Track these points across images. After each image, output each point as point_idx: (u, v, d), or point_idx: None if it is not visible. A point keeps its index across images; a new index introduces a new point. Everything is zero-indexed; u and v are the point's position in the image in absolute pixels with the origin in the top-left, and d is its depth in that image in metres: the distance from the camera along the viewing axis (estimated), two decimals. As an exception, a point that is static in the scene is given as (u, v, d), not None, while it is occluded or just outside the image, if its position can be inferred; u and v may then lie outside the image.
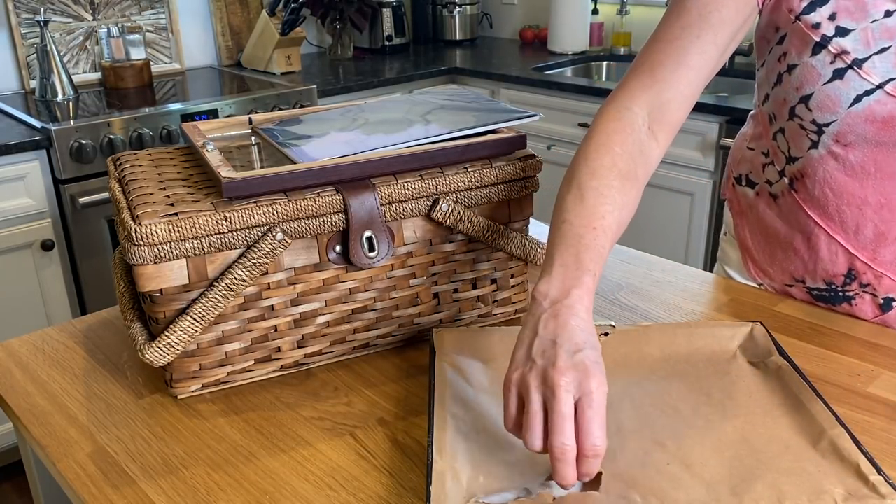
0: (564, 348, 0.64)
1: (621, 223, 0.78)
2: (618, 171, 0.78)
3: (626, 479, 0.66)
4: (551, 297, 0.69)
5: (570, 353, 0.64)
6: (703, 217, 2.29)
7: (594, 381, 0.63)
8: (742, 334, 0.85)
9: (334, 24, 2.93)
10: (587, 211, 0.75)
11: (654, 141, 0.84)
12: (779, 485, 0.64)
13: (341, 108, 1.02)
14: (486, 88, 2.74)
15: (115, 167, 0.91)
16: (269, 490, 0.70)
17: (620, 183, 0.78)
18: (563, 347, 0.65)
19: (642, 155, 0.82)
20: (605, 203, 0.76)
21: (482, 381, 0.80)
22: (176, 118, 2.17)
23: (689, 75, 0.84)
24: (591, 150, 0.81)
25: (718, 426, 0.73)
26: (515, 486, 0.66)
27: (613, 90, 0.87)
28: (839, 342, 0.91)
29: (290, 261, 0.82)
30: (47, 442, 0.78)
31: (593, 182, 0.77)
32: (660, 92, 0.84)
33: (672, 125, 0.85)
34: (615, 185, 0.77)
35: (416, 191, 0.84)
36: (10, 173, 1.96)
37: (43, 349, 0.94)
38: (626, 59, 2.93)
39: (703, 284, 1.06)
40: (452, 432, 0.72)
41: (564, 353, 0.64)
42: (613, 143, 0.80)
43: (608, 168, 0.78)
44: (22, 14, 2.43)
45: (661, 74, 0.84)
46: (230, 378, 0.85)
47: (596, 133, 0.82)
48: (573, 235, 0.74)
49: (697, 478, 0.66)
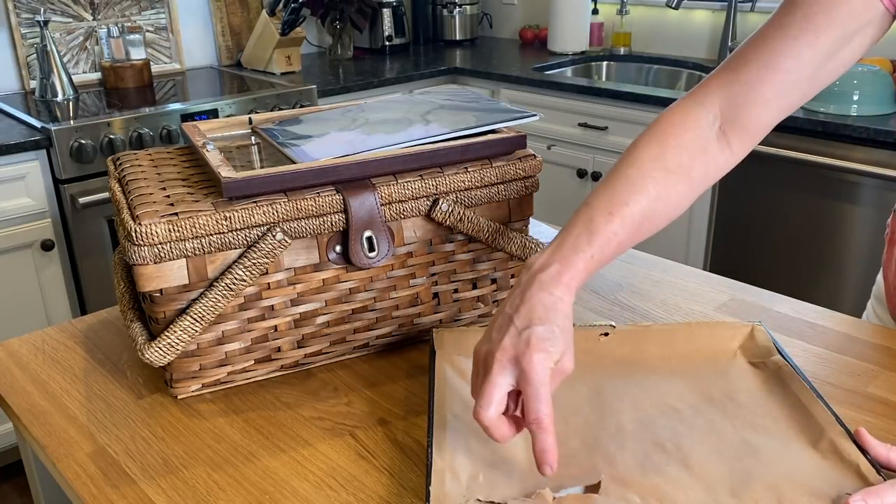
0: (516, 325, 0.66)
1: (651, 215, 0.74)
2: (663, 163, 0.75)
3: (626, 481, 0.66)
4: (532, 269, 0.70)
5: (519, 331, 0.65)
6: (703, 217, 2.29)
7: (535, 356, 0.64)
8: (742, 334, 0.85)
9: (334, 24, 2.93)
10: (611, 196, 0.73)
11: (725, 143, 0.78)
12: (778, 485, 0.64)
13: (341, 108, 1.02)
14: (486, 88, 2.74)
15: (115, 167, 0.91)
16: (269, 490, 0.70)
17: (663, 175, 0.74)
18: (514, 325, 0.66)
19: (704, 153, 0.77)
20: (633, 192, 0.73)
21: None
22: (176, 118, 2.17)
23: (775, 78, 0.76)
24: (641, 139, 0.77)
25: (718, 426, 0.73)
26: (515, 486, 0.66)
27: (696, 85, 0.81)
28: (839, 342, 0.91)
29: (290, 261, 0.82)
30: (47, 442, 0.78)
31: (630, 170, 0.75)
32: (738, 92, 0.77)
33: (750, 130, 0.78)
34: (654, 176, 0.74)
35: (416, 191, 0.84)
36: (10, 173, 1.96)
37: (43, 349, 0.94)
38: (626, 59, 2.93)
39: (703, 284, 1.06)
40: (452, 432, 0.72)
41: (514, 330, 0.66)
42: (668, 135, 0.76)
43: (652, 159, 0.75)
44: (22, 14, 2.43)
45: (744, 74, 0.77)
46: (230, 378, 0.85)
47: (655, 123, 0.78)
48: (585, 217, 0.73)
49: (697, 478, 0.66)
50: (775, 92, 0.77)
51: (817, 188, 2.03)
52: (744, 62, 0.78)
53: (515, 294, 0.69)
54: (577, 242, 0.71)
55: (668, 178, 0.75)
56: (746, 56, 0.78)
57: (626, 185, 0.74)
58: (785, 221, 2.12)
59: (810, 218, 2.07)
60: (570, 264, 0.69)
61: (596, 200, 0.74)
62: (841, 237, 2.04)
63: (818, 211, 2.05)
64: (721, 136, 0.78)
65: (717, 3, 2.70)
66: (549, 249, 0.72)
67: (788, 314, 0.97)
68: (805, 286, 2.13)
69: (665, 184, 0.75)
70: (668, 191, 0.75)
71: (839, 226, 2.03)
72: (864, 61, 2.19)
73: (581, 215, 0.73)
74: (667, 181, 0.75)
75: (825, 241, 2.07)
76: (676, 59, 2.81)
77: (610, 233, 0.72)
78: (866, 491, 0.62)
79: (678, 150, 0.76)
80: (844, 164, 1.95)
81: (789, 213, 2.10)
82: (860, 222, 1.99)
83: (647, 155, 0.76)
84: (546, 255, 0.71)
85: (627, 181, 0.74)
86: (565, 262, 0.70)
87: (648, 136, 0.78)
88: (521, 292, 0.69)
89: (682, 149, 0.76)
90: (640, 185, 0.74)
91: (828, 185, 2.02)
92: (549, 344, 0.65)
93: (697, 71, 2.72)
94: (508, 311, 0.68)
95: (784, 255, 2.16)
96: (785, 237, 2.14)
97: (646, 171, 0.74)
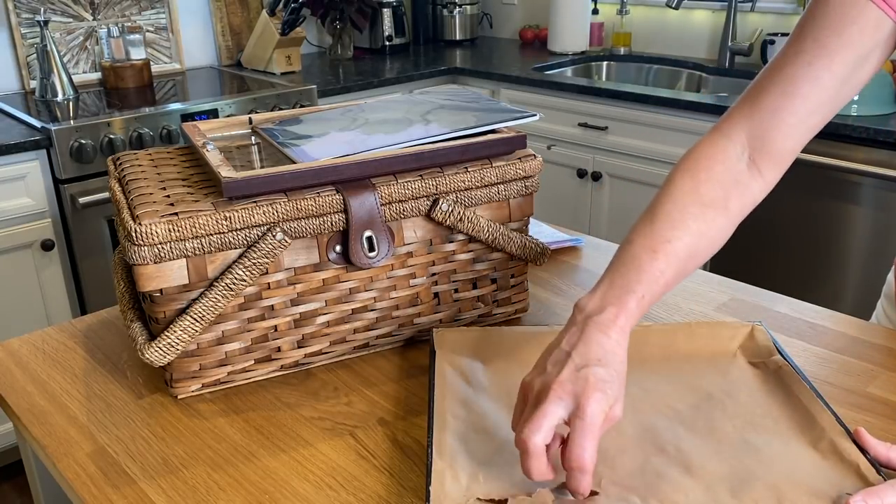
0: (575, 361, 0.65)
1: (694, 252, 0.74)
2: (698, 196, 0.75)
3: (626, 482, 0.66)
4: (586, 311, 0.69)
5: (577, 367, 0.65)
6: (703, 217, 2.29)
7: (592, 397, 0.63)
8: (742, 334, 0.85)
9: (334, 24, 2.93)
10: (653, 233, 0.73)
11: (756, 172, 0.78)
12: (778, 485, 0.64)
13: (341, 108, 1.02)
14: (486, 88, 2.74)
15: (115, 167, 0.91)
16: (269, 490, 0.70)
17: (700, 210, 0.74)
18: (573, 360, 0.65)
19: (737, 185, 0.77)
20: (674, 228, 0.73)
21: (482, 381, 0.80)
22: (176, 118, 2.17)
23: (794, 105, 0.77)
24: (675, 175, 0.77)
25: (718, 426, 0.73)
26: (515, 486, 0.66)
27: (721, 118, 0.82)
28: (839, 342, 0.91)
29: (290, 261, 0.82)
30: (47, 442, 0.78)
31: (668, 206, 0.75)
32: (760, 121, 0.78)
33: (778, 157, 0.78)
34: (692, 212, 0.74)
35: (416, 191, 0.84)
36: (10, 173, 1.96)
37: (43, 349, 0.94)
38: (626, 59, 2.93)
39: (703, 284, 1.06)
40: (452, 432, 0.72)
41: (572, 365, 0.65)
42: (699, 168, 0.77)
43: (687, 193, 0.75)
44: (22, 14, 2.43)
45: (764, 103, 0.78)
46: (230, 378, 0.85)
47: (685, 159, 0.79)
48: (629, 256, 0.72)
49: (697, 479, 0.66)
50: (797, 118, 0.77)
51: (817, 188, 2.03)
52: (762, 91, 0.78)
53: (572, 332, 0.68)
54: (626, 283, 0.70)
55: (706, 213, 0.75)
56: (764, 86, 0.78)
57: (665, 221, 0.74)
58: (785, 221, 2.12)
59: (810, 218, 2.07)
60: (625, 307, 0.69)
61: (637, 238, 0.73)
62: (841, 237, 2.04)
63: (818, 211, 2.05)
64: (751, 165, 0.78)
65: (717, 3, 2.70)
66: (599, 290, 0.71)
67: (788, 314, 0.97)
68: (805, 286, 2.13)
69: (704, 219, 0.75)
70: (707, 225, 0.75)
71: (839, 226, 2.03)
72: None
73: (625, 254, 0.73)
74: (705, 216, 0.75)
75: (825, 241, 2.07)
76: (676, 59, 2.81)
77: (657, 271, 0.71)
78: (866, 491, 0.62)
79: (711, 184, 0.76)
80: (844, 164, 1.95)
81: (789, 213, 2.10)
82: (860, 222, 1.99)
83: (681, 189, 0.76)
84: (598, 296, 0.70)
85: (667, 217, 0.74)
86: (620, 305, 0.69)
87: (680, 171, 0.78)
88: (578, 331, 0.68)
89: (716, 181, 0.76)
90: (679, 222, 0.74)
91: (828, 185, 2.02)
92: (607, 386, 0.64)
93: (697, 71, 2.72)
94: (566, 348, 0.67)
95: (784, 255, 2.16)
96: (785, 237, 2.14)
97: (682, 207, 0.74)
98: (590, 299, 0.71)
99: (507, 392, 0.78)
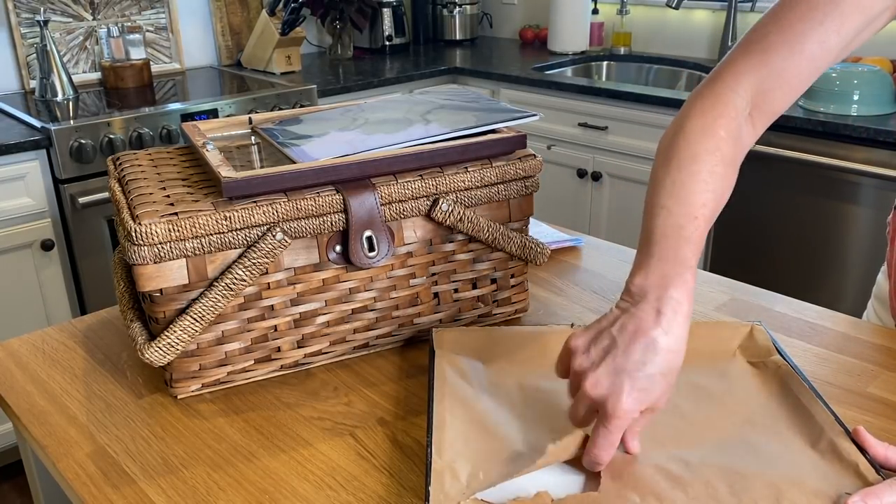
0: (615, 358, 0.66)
1: (717, 211, 0.74)
2: (721, 155, 0.74)
3: (625, 479, 0.66)
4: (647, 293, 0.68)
5: (616, 369, 0.65)
6: (703, 217, 2.29)
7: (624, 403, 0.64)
8: (742, 334, 0.85)
9: (334, 23, 2.93)
10: (688, 197, 0.72)
11: (751, 127, 0.78)
12: (777, 484, 0.64)
13: (341, 108, 1.02)
14: (487, 88, 2.74)
15: (115, 167, 0.91)
16: (269, 490, 0.70)
17: (723, 169, 0.74)
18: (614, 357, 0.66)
19: (740, 139, 0.77)
20: (707, 190, 0.72)
21: (482, 380, 0.80)
22: (176, 118, 2.17)
23: (800, 65, 0.76)
24: (694, 131, 0.76)
25: (718, 425, 0.73)
26: (515, 486, 0.66)
27: (719, 65, 0.79)
28: (839, 342, 0.91)
29: (290, 261, 0.82)
30: (47, 442, 0.78)
31: (695, 166, 0.73)
32: (767, 78, 0.76)
33: (772, 115, 0.79)
34: (718, 172, 0.74)
35: (416, 191, 0.84)
36: (10, 173, 1.96)
37: (43, 349, 0.94)
38: (626, 59, 2.93)
39: (703, 284, 1.06)
40: (452, 432, 0.72)
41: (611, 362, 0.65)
42: (718, 126, 0.75)
43: (711, 152, 0.74)
44: (22, 14, 2.43)
45: (773, 60, 0.76)
46: (230, 378, 0.85)
47: (698, 114, 0.77)
48: (673, 225, 0.71)
49: (696, 477, 0.66)
50: (801, 79, 0.77)
51: (817, 188, 2.03)
52: (771, 47, 0.76)
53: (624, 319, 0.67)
54: (679, 257, 0.69)
55: (727, 172, 0.75)
56: (772, 40, 0.76)
57: (696, 183, 0.73)
58: (785, 221, 2.12)
59: (810, 218, 2.07)
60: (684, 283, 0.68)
61: (672, 202, 0.72)
62: (841, 237, 2.04)
63: (818, 211, 2.05)
64: (749, 120, 0.78)
65: (717, 3, 2.70)
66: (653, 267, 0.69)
67: (788, 314, 0.97)
68: (805, 286, 2.13)
69: (725, 177, 0.74)
70: (726, 184, 0.75)
71: (839, 226, 2.03)
72: (865, 61, 2.20)
73: (665, 221, 0.71)
74: (726, 174, 0.74)
75: (825, 241, 2.07)
76: (676, 59, 2.80)
77: (699, 240, 0.71)
78: (865, 492, 0.62)
79: (729, 142, 0.75)
80: (844, 164, 1.95)
81: (789, 213, 2.10)
82: (860, 222, 1.99)
83: (706, 148, 0.74)
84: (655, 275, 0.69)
85: (697, 179, 0.73)
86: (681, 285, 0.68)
87: (699, 126, 0.76)
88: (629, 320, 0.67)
89: (732, 139, 0.75)
90: (709, 183, 0.73)
91: (828, 185, 2.02)
92: (644, 395, 0.64)
93: (697, 71, 2.72)
94: (615, 336, 0.67)
95: (784, 255, 2.16)
96: (785, 237, 2.14)
97: (710, 167, 0.74)
98: (647, 279, 0.69)
99: (507, 392, 0.78)
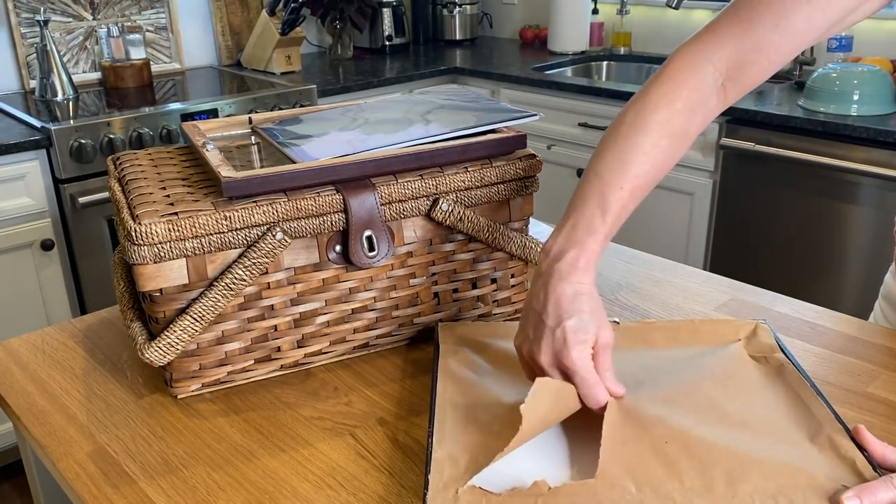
0: (547, 324, 0.69)
1: (654, 181, 0.75)
2: (670, 129, 0.75)
3: (622, 467, 0.66)
4: (550, 257, 0.72)
5: (551, 329, 0.69)
6: (703, 217, 2.29)
7: (573, 352, 0.68)
8: (745, 331, 0.85)
9: (334, 23, 2.93)
10: (621, 167, 0.74)
11: (723, 96, 0.78)
12: (774, 476, 0.64)
13: (341, 108, 1.02)
14: (487, 88, 2.74)
15: (115, 167, 0.91)
16: (269, 490, 0.70)
17: (669, 142, 0.75)
18: (545, 324, 0.69)
19: (704, 109, 0.77)
20: (645, 162, 0.74)
21: (485, 371, 0.81)
22: (176, 118, 2.17)
23: (783, 39, 0.75)
24: (651, 99, 0.76)
25: (717, 418, 0.73)
26: (513, 476, 0.66)
27: (705, 27, 0.78)
28: (839, 342, 0.91)
29: (290, 260, 0.82)
30: (47, 442, 0.78)
31: (640, 137, 0.74)
32: (748, 51, 0.75)
33: (746, 87, 0.78)
34: (661, 145, 0.74)
35: (416, 190, 0.84)
36: (10, 173, 1.96)
37: (43, 349, 0.94)
38: (626, 59, 2.93)
39: (704, 284, 1.06)
40: (452, 423, 0.72)
41: (546, 329, 0.69)
42: (678, 97, 0.75)
43: (661, 123, 0.75)
44: (22, 14, 2.43)
45: (756, 30, 0.75)
46: (230, 378, 0.85)
47: (665, 80, 0.77)
48: (596, 191, 0.73)
49: (694, 466, 0.66)
50: (781, 55, 0.76)
51: (817, 188, 2.03)
52: (757, 18, 0.75)
53: (538, 287, 0.72)
54: (591, 223, 0.72)
55: (673, 144, 0.76)
56: (759, 11, 0.75)
57: (636, 155, 0.74)
58: (785, 221, 2.12)
59: (810, 218, 2.07)
60: (586, 248, 0.71)
61: (606, 171, 0.74)
62: (841, 237, 2.04)
63: (818, 211, 2.05)
64: (721, 91, 0.78)
65: (717, 3, 2.70)
66: (564, 231, 0.73)
67: (788, 314, 0.97)
68: (805, 286, 2.13)
69: (668, 150, 0.75)
70: (669, 157, 0.76)
71: (839, 226, 2.03)
72: (864, 61, 2.19)
73: (592, 188, 0.74)
74: (671, 147, 0.75)
75: (825, 241, 2.07)
76: (676, 58, 2.80)
77: (622, 208, 0.73)
78: (860, 487, 0.62)
79: (684, 114, 0.76)
80: (844, 164, 1.95)
81: (789, 213, 2.10)
82: (860, 222, 1.99)
83: (656, 119, 0.75)
84: (562, 238, 0.73)
85: (638, 150, 0.74)
86: (581, 247, 0.71)
87: (659, 94, 0.76)
88: (543, 285, 0.71)
89: (688, 110, 0.76)
90: (649, 156, 0.74)
91: (828, 185, 2.02)
92: (582, 334, 0.68)
93: (697, 71, 2.72)
94: (537, 308, 0.71)
95: (784, 255, 2.16)
96: (785, 237, 2.14)
97: (654, 140, 0.75)
98: (554, 242, 0.73)
99: (511, 382, 0.79)
